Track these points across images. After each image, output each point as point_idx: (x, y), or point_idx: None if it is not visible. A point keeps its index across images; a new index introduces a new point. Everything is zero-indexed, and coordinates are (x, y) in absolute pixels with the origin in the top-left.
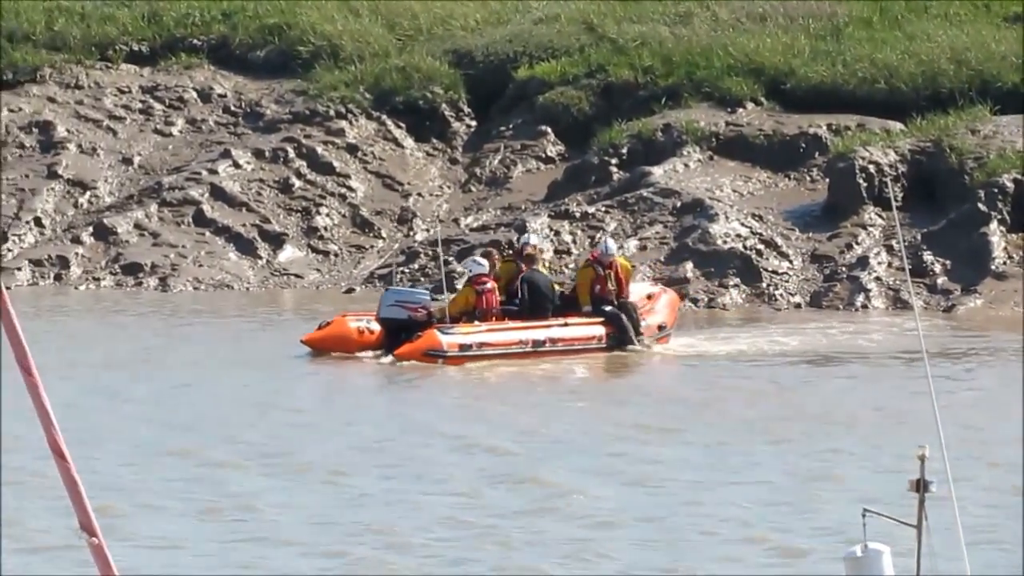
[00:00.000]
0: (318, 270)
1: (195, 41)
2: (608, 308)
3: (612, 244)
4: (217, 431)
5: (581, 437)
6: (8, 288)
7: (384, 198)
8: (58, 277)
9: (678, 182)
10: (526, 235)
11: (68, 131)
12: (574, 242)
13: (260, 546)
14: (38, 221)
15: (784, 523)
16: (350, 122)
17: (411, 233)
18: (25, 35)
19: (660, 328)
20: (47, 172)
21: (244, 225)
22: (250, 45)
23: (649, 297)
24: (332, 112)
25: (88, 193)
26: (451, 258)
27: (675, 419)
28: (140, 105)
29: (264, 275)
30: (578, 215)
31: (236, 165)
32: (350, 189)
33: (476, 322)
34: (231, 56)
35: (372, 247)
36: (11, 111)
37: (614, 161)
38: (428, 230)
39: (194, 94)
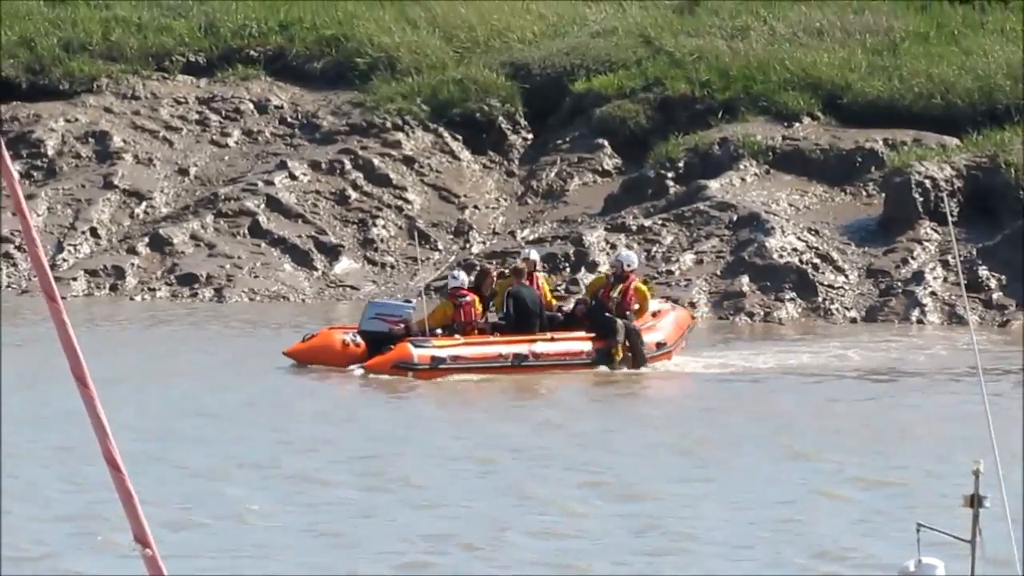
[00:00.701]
0: (374, 282)
1: (252, 52)
2: (607, 315)
3: (627, 255)
4: (208, 441)
5: (593, 452)
6: (63, 298)
7: (440, 210)
8: (113, 288)
9: (734, 196)
10: (527, 250)
11: (124, 141)
12: None
13: (246, 559)
14: (94, 231)
15: (784, 539)
16: (407, 134)
17: (467, 245)
18: (82, 45)
19: (659, 345)
20: (103, 182)
21: (300, 236)
22: (307, 56)
23: (655, 315)
24: (389, 124)
25: (144, 203)
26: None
27: (698, 434)
28: (196, 116)
29: (320, 286)
30: (634, 228)
31: (292, 176)
32: (406, 201)
33: (456, 335)
34: (288, 67)
35: (428, 259)
36: (68, 121)
37: (671, 175)
38: (484, 242)
39: (251, 105)
